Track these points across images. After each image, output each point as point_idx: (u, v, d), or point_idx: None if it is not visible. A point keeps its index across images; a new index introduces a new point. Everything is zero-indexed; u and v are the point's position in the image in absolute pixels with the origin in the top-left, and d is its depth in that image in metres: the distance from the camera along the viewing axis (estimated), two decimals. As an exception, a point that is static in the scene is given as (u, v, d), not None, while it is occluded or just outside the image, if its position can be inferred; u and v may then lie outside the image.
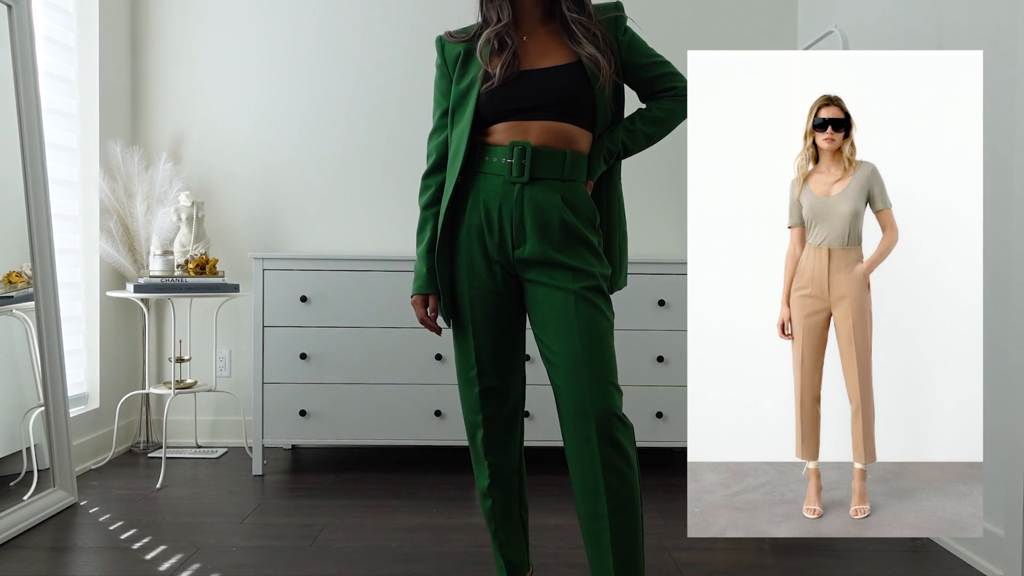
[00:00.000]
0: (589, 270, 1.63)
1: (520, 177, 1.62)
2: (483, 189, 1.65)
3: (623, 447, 1.59)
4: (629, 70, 1.73)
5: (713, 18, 3.55)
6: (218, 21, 3.53)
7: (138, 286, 3.03)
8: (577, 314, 1.60)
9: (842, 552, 2.32)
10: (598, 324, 1.61)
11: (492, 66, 1.65)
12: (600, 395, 1.57)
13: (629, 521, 1.59)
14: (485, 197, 1.65)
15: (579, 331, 1.59)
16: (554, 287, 1.63)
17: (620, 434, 1.58)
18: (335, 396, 3.06)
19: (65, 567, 2.18)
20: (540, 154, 1.63)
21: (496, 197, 1.64)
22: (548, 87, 1.65)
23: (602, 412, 1.57)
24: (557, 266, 1.63)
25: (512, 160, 1.63)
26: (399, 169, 3.51)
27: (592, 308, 1.61)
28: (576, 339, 1.58)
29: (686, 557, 2.26)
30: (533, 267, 1.64)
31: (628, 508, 1.59)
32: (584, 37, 1.66)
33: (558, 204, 1.63)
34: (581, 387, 1.58)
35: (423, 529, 2.48)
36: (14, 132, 2.53)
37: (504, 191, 1.63)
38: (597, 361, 1.58)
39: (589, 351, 1.58)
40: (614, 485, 1.57)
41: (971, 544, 2.22)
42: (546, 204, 1.63)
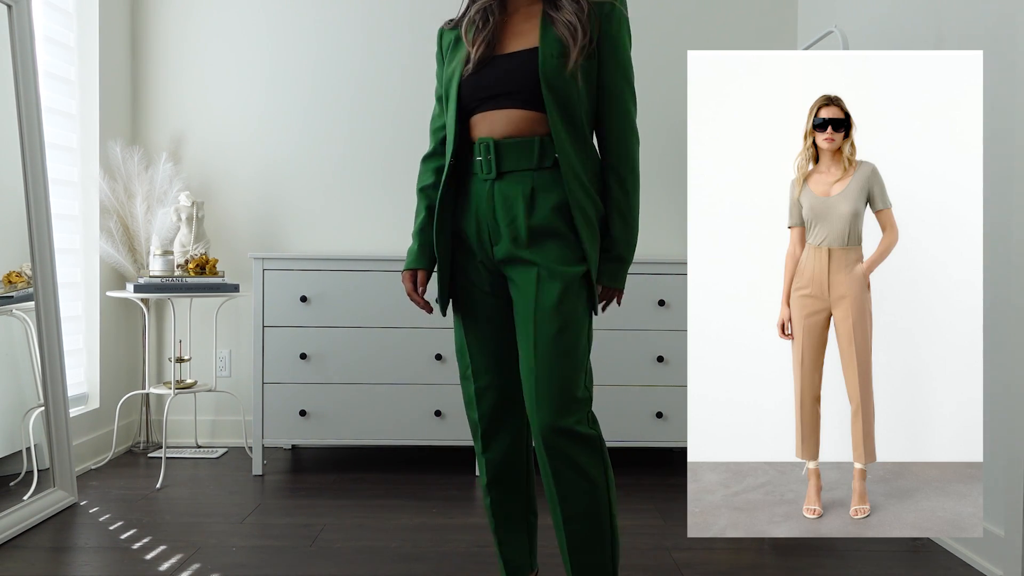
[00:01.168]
0: (553, 267, 1.54)
1: (489, 174, 1.58)
2: (472, 191, 1.62)
3: (573, 459, 1.53)
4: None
5: (713, 18, 3.55)
6: (218, 21, 3.53)
7: (138, 286, 3.03)
8: (536, 321, 1.54)
9: (842, 552, 2.32)
10: (556, 329, 1.53)
11: (473, 49, 1.60)
12: (548, 410, 1.52)
13: (588, 530, 1.56)
14: (475, 199, 1.61)
15: (535, 339, 1.54)
16: (519, 287, 1.58)
17: (569, 447, 1.53)
18: (335, 396, 3.06)
19: (65, 567, 2.18)
20: (504, 147, 1.56)
21: (479, 197, 1.61)
22: (512, 73, 1.57)
23: (547, 428, 1.52)
24: (523, 263, 1.57)
25: (481, 158, 1.59)
26: (399, 169, 3.51)
27: (553, 312, 1.53)
28: (531, 349, 1.54)
29: (686, 557, 2.26)
30: (507, 266, 1.61)
31: (586, 518, 1.55)
32: (567, 4, 1.55)
33: (524, 196, 1.55)
34: (531, 400, 1.54)
35: (423, 529, 2.48)
36: (14, 132, 2.53)
37: (481, 190, 1.60)
38: (547, 373, 1.52)
39: (541, 362, 1.53)
40: (567, 495, 1.55)
41: (971, 544, 2.22)
42: (513, 199, 1.56)
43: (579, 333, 1.55)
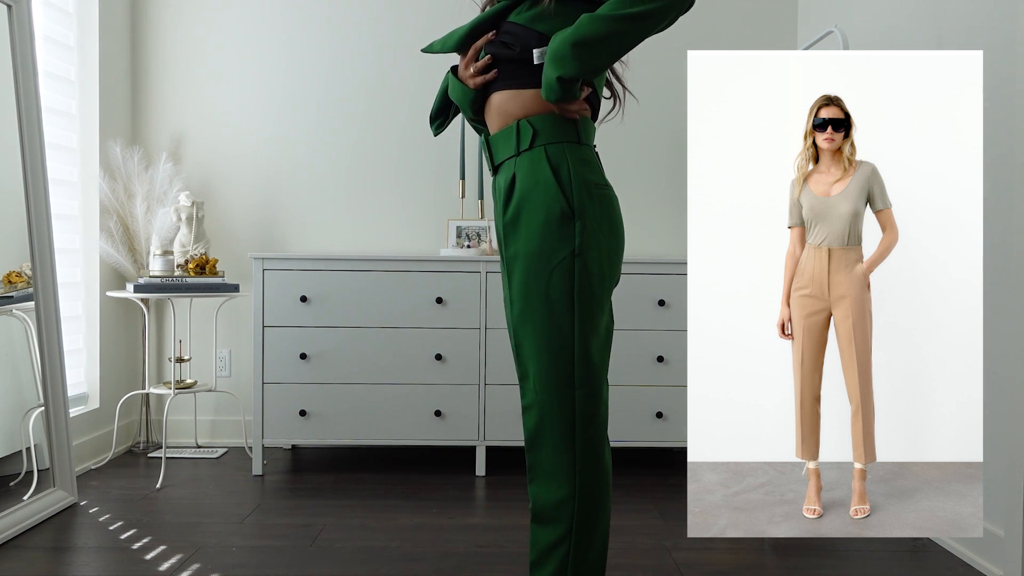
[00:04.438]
0: (518, 265, 1.50)
1: (492, 172, 1.60)
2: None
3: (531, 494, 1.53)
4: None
5: (713, 18, 3.55)
6: (218, 21, 3.53)
7: (138, 286, 3.02)
8: (512, 328, 1.54)
9: (842, 552, 2.32)
10: (524, 333, 1.49)
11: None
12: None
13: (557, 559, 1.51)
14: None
15: (513, 347, 1.55)
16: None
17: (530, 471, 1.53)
18: (335, 396, 3.06)
19: (65, 567, 2.18)
20: (493, 141, 1.56)
21: None
22: (491, 46, 1.53)
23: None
24: (505, 261, 1.56)
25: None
26: (400, 168, 3.51)
27: (522, 316, 1.49)
28: (515, 355, 1.56)
29: (686, 557, 2.26)
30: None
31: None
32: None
33: (505, 187, 1.52)
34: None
35: (423, 529, 2.48)
36: (14, 132, 2.53)
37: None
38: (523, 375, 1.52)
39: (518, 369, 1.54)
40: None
41: (971, 544, 2.22)
42: (501, 191, 1.55)
43: (544, 323, 1.48)
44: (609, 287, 1.52)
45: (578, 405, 1.48)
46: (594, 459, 1.49)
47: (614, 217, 1.52)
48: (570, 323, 1.46)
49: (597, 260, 1.47)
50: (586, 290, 1.46)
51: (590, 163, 1.51)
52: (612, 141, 3.30)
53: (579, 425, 1.48)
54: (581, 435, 1.48)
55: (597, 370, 1.50)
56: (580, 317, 1.46)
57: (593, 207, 1.47)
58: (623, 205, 1.64)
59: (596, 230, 1.47)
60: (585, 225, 1.45)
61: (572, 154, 1.48)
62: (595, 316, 1.48)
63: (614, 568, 2.14)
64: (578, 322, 1.46)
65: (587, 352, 1.48)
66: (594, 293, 1.47)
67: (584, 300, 1.46)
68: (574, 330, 1.46)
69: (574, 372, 1.47)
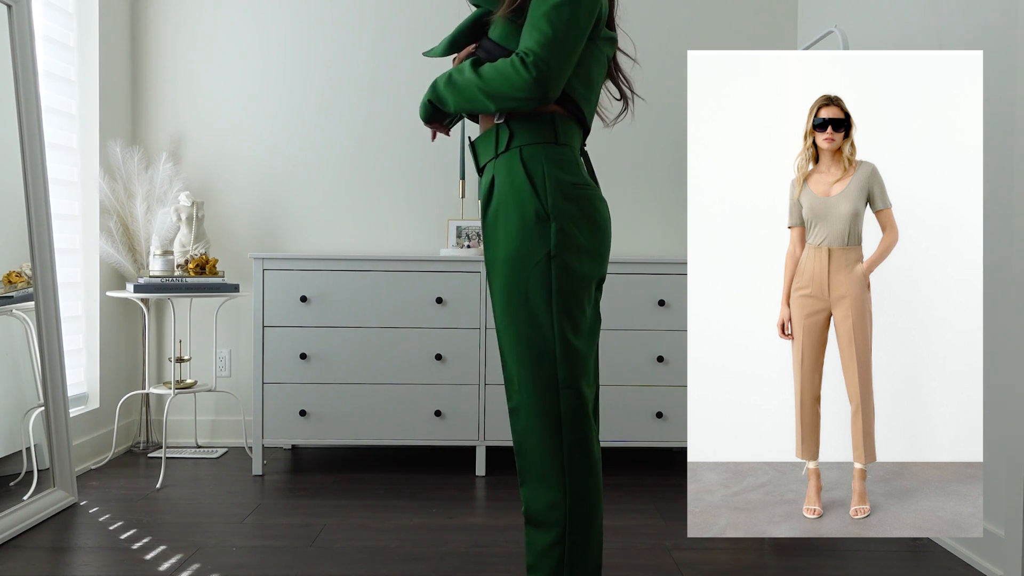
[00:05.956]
0: (497, 268, 1.52)
1: (478, 174, 1.62)
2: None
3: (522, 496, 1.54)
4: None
5: (713, 18, 3.55)
6: (218, 21, 3.53)
7: (138, 286, 3.02)
8: (496, 331, 1.55)
9: (842, 552, 2.32)
10: (505, 336, 1.51)
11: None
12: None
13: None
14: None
15: (499, 350, 1.57)
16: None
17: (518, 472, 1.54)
18: (335, 396, 3.06)
19: (65, 567, 2.18)
20: (477, 143, 1.59)
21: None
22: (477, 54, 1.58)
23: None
24: (487, 263, 1.59)
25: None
26: (400, 168, 3.51)
27: (504, 319, 1.51)
28: (500, 358, 1.57)
29: (686, 557, 2.26)
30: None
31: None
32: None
33: (486, 190, 1.56)
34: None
35: (423, 529, 2.48)
36: (14, 132, 2.53)
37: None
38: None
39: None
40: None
41: (971, 544, 2.22)
42: (483, 194, 1.58)
43: (523, 322, 1.50)
44: (590, 286, 1.53)
45: (563, 406, 1.47)
46: (583, 459, 1.49)
47: (594, 216, 1.52)
48: (550, 324, 1.47)
49: (576, 260, 1.48)
50: (565, 290, 1.47)
51: (566, 163, 1.51)
52: (612, 141, 3.30)
53: (566, 426, 1.47)
54: (568, 436, 1.48)
55: (581, 369, 1.50)
56: (560, 318, 1.47)
57: (569, 208, 1.48)
58: (623, 205, 1.65)
59: (573, 230, 1.48)
60: (561, 226, 1.46)
61: (548, 155, 1.50)
62: (575, 316, 1.49)
63: (614, 568, 2.15)
64: (558, 323, 1.47)
65: (569, 352, 1.48)
66: (574, 293, 1.48)
67: (563, 300, 1.47)
68: (555, 331, 1.47)
69: (557, 373, 1.47)
